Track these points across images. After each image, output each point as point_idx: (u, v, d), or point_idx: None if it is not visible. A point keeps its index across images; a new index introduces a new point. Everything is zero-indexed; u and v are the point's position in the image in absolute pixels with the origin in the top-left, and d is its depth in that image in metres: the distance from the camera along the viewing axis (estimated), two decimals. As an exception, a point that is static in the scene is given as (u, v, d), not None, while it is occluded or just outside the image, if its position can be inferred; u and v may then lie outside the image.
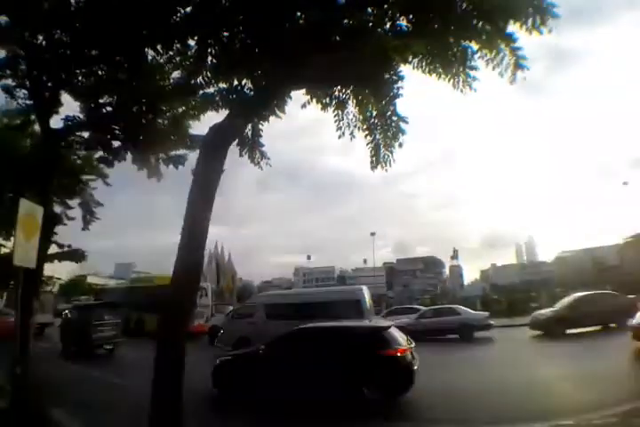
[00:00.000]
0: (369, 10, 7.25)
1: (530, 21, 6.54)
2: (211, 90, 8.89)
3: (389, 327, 8.56)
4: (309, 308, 13.98)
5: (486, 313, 20.09)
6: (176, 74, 8.92)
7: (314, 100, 9.21)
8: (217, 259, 56.47)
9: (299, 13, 7.42)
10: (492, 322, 18.98)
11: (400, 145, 8.79)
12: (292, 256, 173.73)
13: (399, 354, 7.80)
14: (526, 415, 6.56)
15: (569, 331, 16.68)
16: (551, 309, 18.89)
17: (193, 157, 9.35)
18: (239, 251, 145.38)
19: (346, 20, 7.34)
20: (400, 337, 8.37)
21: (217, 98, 9.00)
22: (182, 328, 8.06)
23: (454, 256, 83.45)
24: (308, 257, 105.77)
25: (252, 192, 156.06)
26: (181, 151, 11.10)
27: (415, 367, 7.86)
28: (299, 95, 9.22)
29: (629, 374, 9.16)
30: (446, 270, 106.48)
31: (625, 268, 56.96)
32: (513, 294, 36.67)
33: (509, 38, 7.04)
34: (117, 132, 10.63)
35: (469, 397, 8.05)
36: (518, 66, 7.15)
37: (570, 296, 19.73)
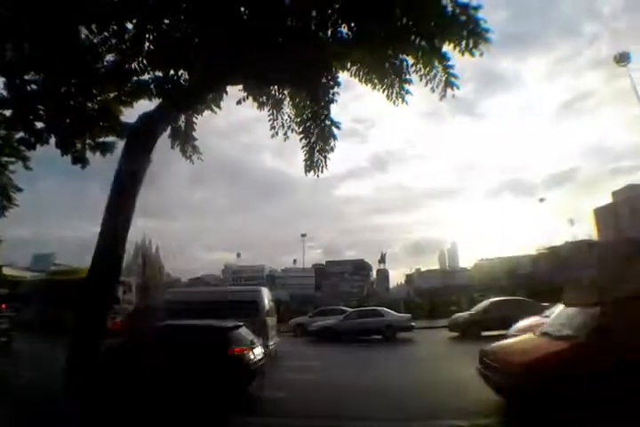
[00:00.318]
0: (313, 13, 7.22)
1: (464, 43, 6.85)
2: (145, 77, 8.45)
3: (236, 328, 8.76)
4: (208, 306, 13.75)
5: (409, 315, 20.77)
6: (110, 58, 8.36)
7: (250, 97, 9.05)
8: (144, 253, 53.97)
9: (242, 9, 7.23)
10: (413, 324, 19.64)
11: (332, 149, 8.84)
12: (223, 253, 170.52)
13: (238, 353, 8.08)
14: (395, 413, 6.91)
15: (484, 333, 17.58)
16: (469, 312, 19.85)
17: (122, 145, 8.80)
18: (168, 245, 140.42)
19: (289, 22, 7.27)
20: (245, 338, 8.69)
21: (151, 86, 8.57)
22: (100, 326, 7.55)
23: (381, 260, 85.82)
24: (238, 255, 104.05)
25: (186, 186, 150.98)
26: (110, 138, 10.43)
27: (258, 365, 8.30)
28: (236, 92, 9.01)
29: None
30: (373, 274, 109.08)
31: (537, 277, 61.74)
32: (435, 298, 38.16)
33: (443, 57, 7.31)
34: (42, 112, 9.77)
35: (349, 394, 8.30)
36: (449, 83, 7.46)
37: (486, 301, 20.87)
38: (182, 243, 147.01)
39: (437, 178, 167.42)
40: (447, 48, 7.17)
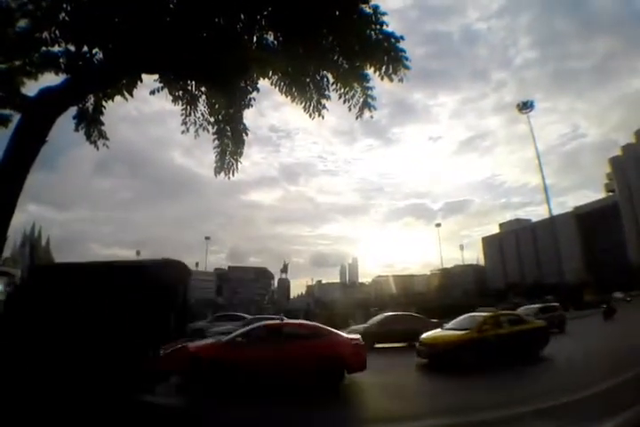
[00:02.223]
0: (241, 16, 7.22)
1: (384, 68, 7.25)
2: (56, 49, 7.87)
3: None
4: None
5: (307, 325, 21.00)
6: (23, 25, 7.67)
7: (166, 89, 8.75)
8: (32, 243, 49.42)
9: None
10: (311, 334, 19.88)
11: (240, 154, 8.80)
12: (122, 249, 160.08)
13: None
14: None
15: (378, 345, 18.33)
16: (364, 325, 20.60)
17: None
18: (61, 236, 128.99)
19: (216, 19, 7.19)
20: None
21: (60, 59, 7.98)
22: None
23: (284, 270, 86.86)
24: (138, 252, 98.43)
25: (86, 174, 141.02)
26: (7, 111, 9.47)
27: None
28: (151, 81, 8.68)
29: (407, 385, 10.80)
30: (275, 282, 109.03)
31: (430, 294, 65.96)
32: (334, 310, 38.98)
33: (363, 78, 7.66)
34: None
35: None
36: (367, 105, 7.79)
37: (381, 315, 21.82)
38: (76, 235, 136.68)
39: (345, 195, 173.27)
40: (368, 71, 7.51)
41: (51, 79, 8.41)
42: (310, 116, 7.88)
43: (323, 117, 7.92)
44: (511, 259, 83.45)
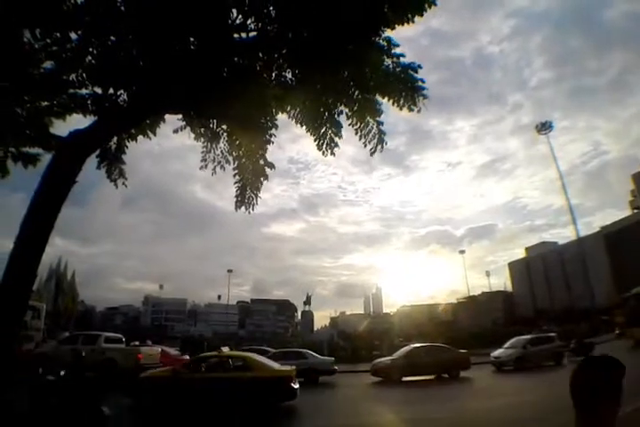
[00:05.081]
0: (260, 55, 7.43)
1: (402, 99, 7.32)
2: (83, 91, 8.18)
3: None
4: None
5: (332, 358, 20.52)
6: (49, 66, 8.02)
7: (188, 127, 8.98)
8: (58, 277, 50.06)
9: (192, 39, 7.31)
10: (336, 367, 19.43)
11: (259, 188, 8.87)
12: (144, 283, 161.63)
13: None
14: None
15: (405, 378, 17.74)
16: (390, 357, 20.01)
17: (48, 158, 8.26)
18: (86, 270, 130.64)
19: (236, 59, 7.42)
20: None
21: (88, 102, 8.29)
22: (4, 352, 6.78)
23: (307, 302, 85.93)
24: (161, 286, 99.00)
25: (110, 209, 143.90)
26: (35, 150, 9.80)
27: None
28: (173, 118, 8.92)
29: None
30: (299, 315, 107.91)
31: (457, 324, 64.04)
32: (358, 342, 38.18)
33: (377, 111, 7.73)
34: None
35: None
36: (381, 140, 7.85)
37: (407, 347, 21.21)
38: (101, 269, 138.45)
39: (365, 224, 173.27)
40: (386, 104, 7.58)
41: (79, 119, 8.73)
42: (323, 153, 7.97)
43: (334, 155, 8.03)
44: (539, 283, 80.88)
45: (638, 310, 23.01)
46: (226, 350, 13.09)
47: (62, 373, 7.94)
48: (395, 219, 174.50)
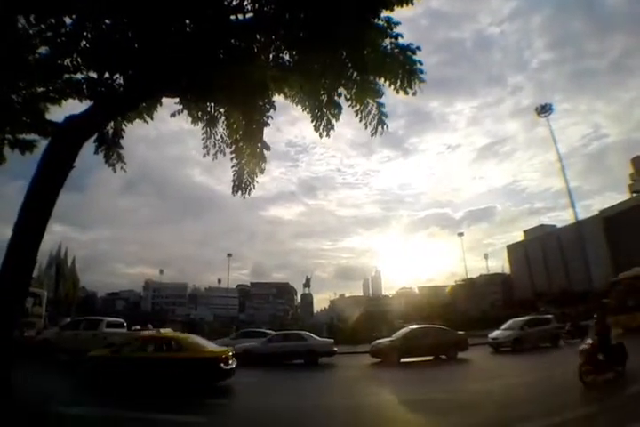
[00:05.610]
0: (257, 36, 7.33)
1: (399, 82, 7.26)
2: (79, 76, 8.10)
3: None
4: None
5: (331, 340, 20.76)
6: (44, 51, 7.91)
7: (185, 111, 8.91)
8: (58, 263, 50.21)
9: (187, 21, 7.19)
10: (336, 349, 19.68)
11: (262, 171, 8.85)
12: (145, 268, 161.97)
13: None
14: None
15: (404, 359, 18.01)
16: (389, 339, 20.25)
17: (45, 144, 8.22)
18: (86, 256, 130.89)
19: (234, 41, 7.32)
20: None
21: (83, 86, 8.22)
22: (5, 338, 6.88)
23: (306, 284, 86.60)
24: (161, 271, 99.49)
25: (109, 194, 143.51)
26: (32, 136, 9.73)
27: None
28: (170, 102, 8.83)
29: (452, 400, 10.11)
30: (298, 297, 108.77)
31: (455, 306, 64.67)
32: (357, 323, 38.56)
33: (376, 93, 7.66)
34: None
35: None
36: (381, 121, 7.79)
37: (406, 328, 21.44)
38: (101, 255, 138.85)
39: (365, 207, 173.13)
40: (382, 84, 7.52)
41: (75, 104, 8.65)
42: (320, 135, 7.94)
43: (329, 137, 8.00)
44: (537, 266, 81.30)
45: (625, 297, 22.51)
46: (167, 331, 13.42)
47: None
48: (394, 202, 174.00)
